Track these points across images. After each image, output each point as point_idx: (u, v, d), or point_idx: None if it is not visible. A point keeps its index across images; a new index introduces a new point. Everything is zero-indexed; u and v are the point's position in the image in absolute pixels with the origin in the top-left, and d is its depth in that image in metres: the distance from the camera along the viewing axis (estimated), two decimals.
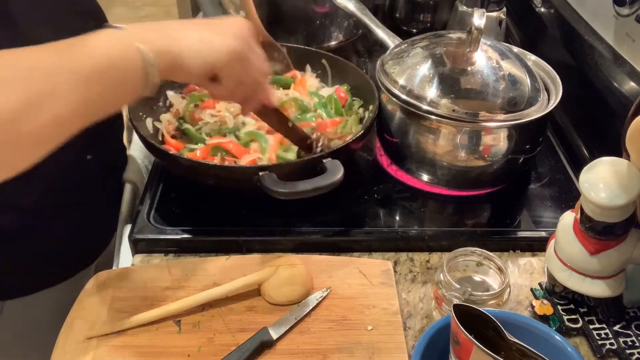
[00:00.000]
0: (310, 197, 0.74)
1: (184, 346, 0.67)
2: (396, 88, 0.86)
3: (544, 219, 0.87)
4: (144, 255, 0.80)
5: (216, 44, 0.65)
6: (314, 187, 0.74)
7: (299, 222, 0.83)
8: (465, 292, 0.66)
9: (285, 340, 0.68)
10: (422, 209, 0.89)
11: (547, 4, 1.17)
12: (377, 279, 0.75)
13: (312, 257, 0.78)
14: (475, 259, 0.73)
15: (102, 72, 0.56)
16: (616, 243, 0.67)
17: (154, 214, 0.83)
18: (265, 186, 0.74)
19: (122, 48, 0.58)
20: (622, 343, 0.68)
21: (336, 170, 0.76)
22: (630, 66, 0.85)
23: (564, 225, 0.70)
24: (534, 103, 0.84)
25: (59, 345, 0.66)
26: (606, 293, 0.69)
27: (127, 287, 0.73)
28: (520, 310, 0.73)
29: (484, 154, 0.84)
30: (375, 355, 0.66)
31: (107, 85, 0.57)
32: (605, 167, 0.65)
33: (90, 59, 0.55)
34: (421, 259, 0.80)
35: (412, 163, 0.89)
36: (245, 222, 0.83)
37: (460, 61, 0.86)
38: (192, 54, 0.63)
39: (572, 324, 0.70)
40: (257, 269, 0.73)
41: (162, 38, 0.62)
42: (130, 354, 0.66)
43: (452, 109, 0.82)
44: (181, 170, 0.85)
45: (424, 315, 0.73)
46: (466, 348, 0.54)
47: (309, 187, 0.74)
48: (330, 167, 0.77)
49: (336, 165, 0.77)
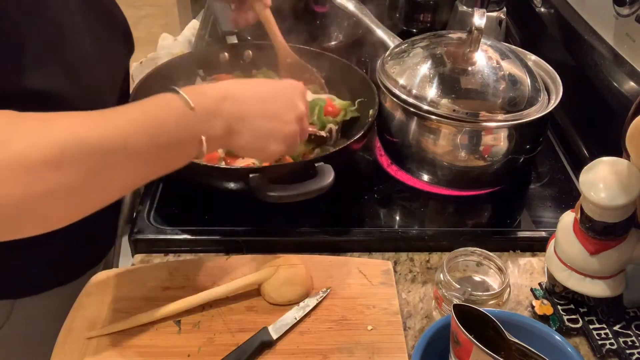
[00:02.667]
0: (301, 200, 0.73)
1: (184, 346, 0.66)
2: (396, 88, 0.86)
3: (544, 219, 0.87)
4: (144, 255, 0.80)
5: (271, 149, 0.69)
6: (303, 192, 0.73)
7: (299, 222, 0.83)
8: (465, 292, 0.66)
9: (285, 340, 0.68)
10: (422, 209, 0.89)
11: (547, 4, 1.17)
12: (377, 279, 0.75)
13: (312, 257, 0.78)
14: (475, 259, 0.73)
15: (159, 156, 0.60)
16: (616, 243, 0.67)
17: (154, 214, 0.83)
18: (254, 188, 0.73)
19: (185, 137, 0.61)
20: (622, 343, 0.68)
21: (327, 174, 0.75)
22: (630, 66, 0.85)
23: (564, 225, 0.70)
24: (534, 103, 0.84)
25: (59, 345, 0.66)
26: (606, 293, 0.69)
27: (127, 287, 0.73)
28: (520, 310, 0.73)
29: (484, 154, 0.84)
30: (375, 355, 0.66)
31: (160, 164, 0.62)
32: (605, 167, 0.65)
33: (152, 146, 0.59)
34: (421, 259, 0.80)
35: (412, 163, 0.89)
36: (245, 222, 0.83)
37: (461, 61, 0.86)
38: (246, 152, 0.72)
39: (572, 324, 0.70)
40: (257, 269, 0.73)
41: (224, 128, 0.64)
42: (130, 354, 0.66)
43: (452, 109, 0.82)
44: (177, 170, 0.84)
45: (424, 315, 0.73)
46: (466, 348, 0.54)
47: (297, 192, 0.73)
48: (321, 171, 0.76)
49: (327, 170, 0.76)
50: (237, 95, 0.67)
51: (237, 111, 0.66)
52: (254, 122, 0.67)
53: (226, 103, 0.65)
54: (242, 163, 0.83)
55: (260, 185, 0.73)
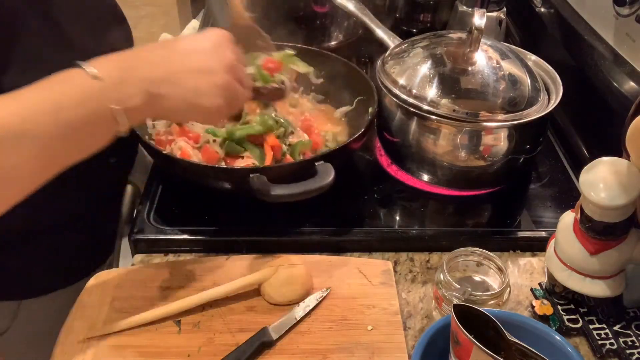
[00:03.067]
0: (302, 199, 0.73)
1: (184, 346, 0.66)
2: (396, 88, 0.86)
3: (544, 219, 0.87)
4: (144, 255, 0.80)
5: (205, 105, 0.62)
6: (304, 190, 0.73)
7: (299, 222, 0.83)
8: (465, 292, 0.66)
9: (285, 340, 0.68)
10: (422, 209, 0.89)
11: (547, 4, 1.17)
12: (377, 279, 0.75)
13: (312, 257, 0.78)
14: (475, 259, 0.73)
15: (67, 136, 0.55)
16: (616, 243, 0.67)
17: (154, 214, 0.83)
18: (255, 189, 0.73)
19: (93, 109, 0.56)
20: (622, 343, 0.68)
21: (327, 173, 0.75)
22: (630, 66, 0.85)
23: (564, 225, 0.70)
24: (534, 103, 0.84)
25: (59, 345, 0.66)
26: (606, 293, 0.69)
27: (127, 287, 0.73)
28: (520, 310, 0.73)
29: (484, 154, 0.84)
30: (375, 355, 0.66)
31: (72, 144, 0.56)
32: (605, 167, 0.65)
33: (55, 126, 0.54)
34: (421, 259, 0.80)
35: (412, 163, 0.89)
36: (245, 222, 0.83)
37: (461, 61, 0.86)
38: (181, 116, 0.64)
39: (572, 324, 0.70)
40: (257, 269, 0.73)
41: (141, 94, 0.58)
42: (130, 354, 0.66)
43: (452, 109, 0.82)
44: (176, 170, 0.85)
45: (424, 315, 0.73)
46: (466, 348, 0.54)
47: (298, 191, 0.73)
48: (321, 170, 0.76)
49: (327, 169, 0.76)
50: (149, 56, 0.61)
51: (151, 73, 0.59)
52: (176, 80, 0.60)
53: (138, 68, 0.59)
54: (242, 163, 0.83)
55: (261, 185, 0.73)
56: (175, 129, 0.89)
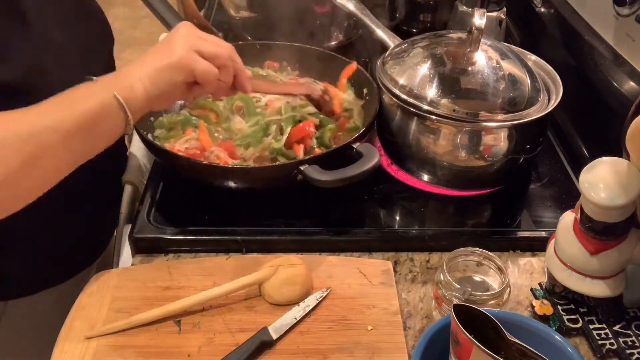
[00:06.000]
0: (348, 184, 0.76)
1: (184, 346, 0.66)
2: (396, 88, 0.86)
3: (544, 219, 0.87)
4: (144, 255, 0.80)
5: (174, 80, 0.70)
6: (360, 172, 0.77)
7: (299, 222, 0.83)
8: (465, 292, 0.66)
9: (285, 340, 0.68)
10: (422, 209, 0.89)
11: (547, 4, 1.17)
12: (377, 279, 0.75)
13: (312, 257, 0.78)
14: (475, 259, 0.73)
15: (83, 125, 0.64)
16: (616, 243, 0.67)
17: (154, 214, 0.83)
18: (311, 178, 0.76)
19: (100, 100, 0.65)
20: (622, 343, 0.68)
21: (372, 152, 0.79)
22: (630, 66, 0.85)
23: (564, 225, 0.70)
24: (534, 103, 0.84)
25: (59, 345, 0.66)
26: (606, 293, 0.69)
27: (127, 287, 0.73)
28: (520, 310, 0.73)
29: (484, 154, 0.84)
30: (375, 355, 0.66)
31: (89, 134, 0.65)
32: (605, 167, 0.65)
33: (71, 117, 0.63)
34: (421, 259, 0.80)
35: (412, 163, 0.89)
36: (245, 222, 0.83)
37: (461, 61, 0.86)
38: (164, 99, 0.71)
39: (572, 324, 0.70)
40: (257, 269, 0.73)
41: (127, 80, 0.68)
42: (130, 354, 0.66)
43: (452, 109, 0.82)
44: (185, 171, 0.85)
45: (424, 315, 0.73)
46: (466, 348, 0.54)
47: (355, 172, 0.77)
48: (364, 151, 0.80)
49: (370, 148, 0.80)
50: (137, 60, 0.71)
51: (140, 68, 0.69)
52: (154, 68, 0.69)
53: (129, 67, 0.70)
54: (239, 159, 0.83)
55: (316, 174, 0.76)
56: None
